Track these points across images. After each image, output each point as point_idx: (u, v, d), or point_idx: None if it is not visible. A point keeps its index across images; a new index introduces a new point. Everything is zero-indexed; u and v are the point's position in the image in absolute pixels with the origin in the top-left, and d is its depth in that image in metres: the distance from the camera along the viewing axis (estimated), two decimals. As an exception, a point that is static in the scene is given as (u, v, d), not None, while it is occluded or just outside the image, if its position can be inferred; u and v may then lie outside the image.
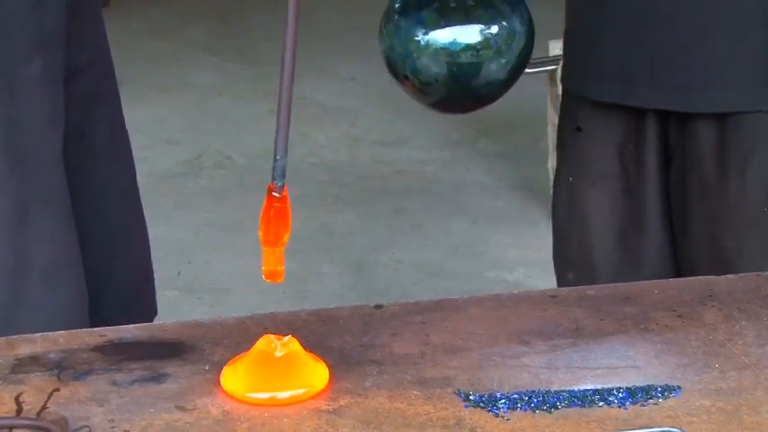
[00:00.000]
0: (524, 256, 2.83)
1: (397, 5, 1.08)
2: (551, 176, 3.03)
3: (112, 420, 0.88)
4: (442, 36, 1.04)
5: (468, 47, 1.03)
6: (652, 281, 1.09)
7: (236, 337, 0.99)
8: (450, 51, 1.04)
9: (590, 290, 1.07)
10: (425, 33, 1.05)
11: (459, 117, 3.57)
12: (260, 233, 0.97)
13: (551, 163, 3.01)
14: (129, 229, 1.33)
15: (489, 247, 2.88)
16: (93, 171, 1.27)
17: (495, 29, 1.04)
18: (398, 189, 3.09)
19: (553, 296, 1.06)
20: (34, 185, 1.14)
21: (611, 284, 1.09)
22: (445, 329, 1.00)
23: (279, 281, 0.97)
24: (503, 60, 1.06)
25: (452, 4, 1.06)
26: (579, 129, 1.43)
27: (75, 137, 1.24)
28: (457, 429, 0.88)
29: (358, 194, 3.10)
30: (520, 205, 3.07)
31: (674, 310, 1.03)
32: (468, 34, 1.03)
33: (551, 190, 3.38)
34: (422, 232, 2.94)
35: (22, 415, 0.88)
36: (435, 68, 1.05)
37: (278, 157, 0.95)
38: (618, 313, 1.03)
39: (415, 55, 1.05)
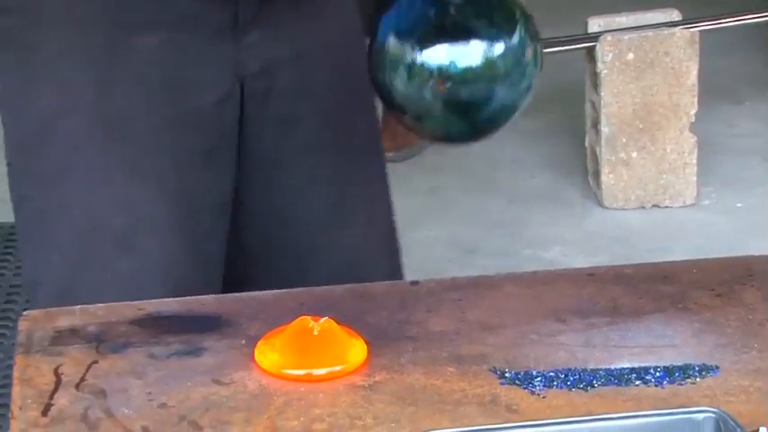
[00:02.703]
0: (560, 235, 2.82)
1: (383, 21, 0.91)
2: (589, 155, 3.02)
3: (150, 393, 0.89)
4: (438, 57, 0.87)
5: (468, 70, 0.87)
6: (691, 260, 1.08)
7: (273, 312, 0.99)
8: (447, 75, 0.87)
9: (628, 268, 1.06)
10: (418, 53, 0.88)
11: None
12: None
13: (588, 141, 3.00)
14: (340, 218, 1.24)
15: (525, 225, 2.87)
16: (296, 165, 1.22)
17: (499, 47, 0.87)
18: (433, 167, 3.08)
19: (590, 274, 1.05)
20: (122, 153, 1.14)
21: (649, 263, 1.08)
22: (481, 307, 1.00)
23: None
24: (510, 83, 0.89)
25: (451, 17, 0.88)
26: None
27: (279, 128, 1.20)
28: (492, 406, 0.88)
29: (393, 172, 3.10)
30: (556, 183, 3.05)
31: (713, 290, 1.02)
32: (469, 55, 0.87)
33: (589, 168, 3.34)
34: (457, 210, 2.93)
35: (61, 386, 0.89)
36: (429, 97, 0.88)
37: None
38: (656, 292, 1.02)
39: (406, 79, 0.89)
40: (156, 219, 1.15)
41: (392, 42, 0.91)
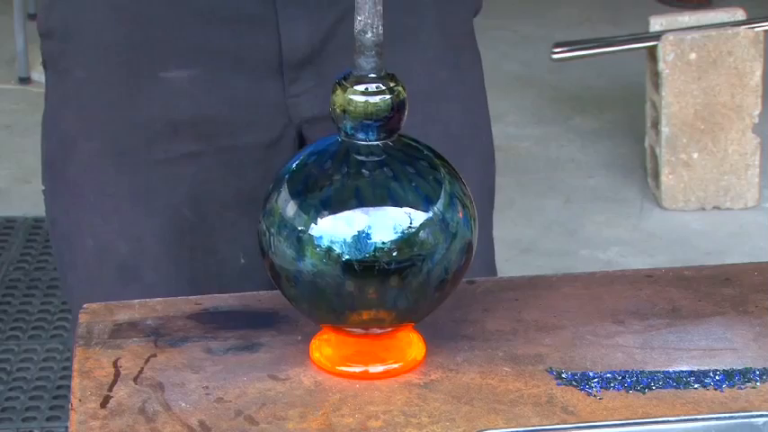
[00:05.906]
0: (618, 235, 2.80)
1: (282, 179, 0.76)
2: (648, 155, 2.99)
3: (207, 387, 0.90)
4: (339, 229, 0.72)
5: (382, 247, 0.72)
6: (752, 262, 1.07)
7: (329, 309, 0.99)
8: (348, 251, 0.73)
9: (687, 270, 1.05)
10: (312, 222, 0.73)
11: (554, 93, 3.53)
12: None
13: (648, 141, 2.97)
14: None
15: (582, 225, 2.86)
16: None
17: (424, 216, 0.73)
18: (491, 165, 3.07)
19: (649, 276, 1.04)
20: (134, 181, 1.14)
21: (709, 265, 1.07)
22: (538, 307, 1.00)
23: None
24: (433, 264, 0.76)
25: (364, 174, 0.73)
26: None
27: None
28: (548, 407, 0.88)
29: (451, 170, 3.09)
30: (614, 184, 3.03)
31: (775, 293, 1.01)
32: (384, 226, 0.72)
33: (648, 168, 3.31)
34: (514, 209, 2.92)
35: (119, 379, 0.90)
36: (326, 275, 0.74)
37: None
38: (716, 295, 1.01)
39: (296, 255, 0.75)
40: (162, 252, 1.14)
41: (284, 204, 0.76)
